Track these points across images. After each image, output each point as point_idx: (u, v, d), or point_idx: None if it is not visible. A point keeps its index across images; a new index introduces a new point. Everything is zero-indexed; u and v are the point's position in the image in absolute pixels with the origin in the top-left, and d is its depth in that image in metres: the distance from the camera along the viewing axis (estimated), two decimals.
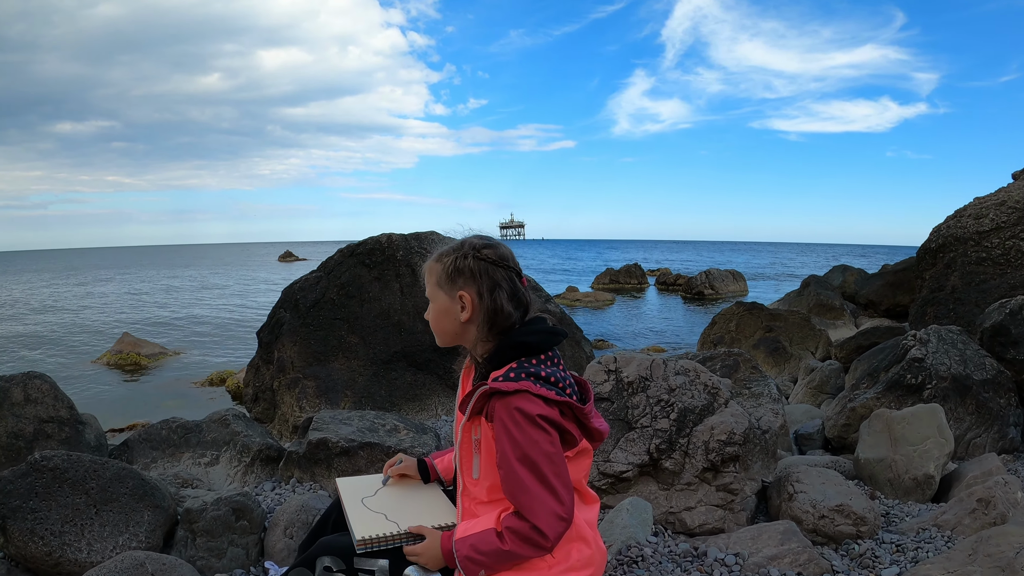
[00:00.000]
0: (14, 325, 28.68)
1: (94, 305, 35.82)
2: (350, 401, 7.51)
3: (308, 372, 7.61)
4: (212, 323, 25.75)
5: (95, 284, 55.09)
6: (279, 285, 41.44)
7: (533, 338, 2.06)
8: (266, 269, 68.49)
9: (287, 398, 7.68)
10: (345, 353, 7.77)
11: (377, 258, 8.28)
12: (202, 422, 5.33)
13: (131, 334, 19.50)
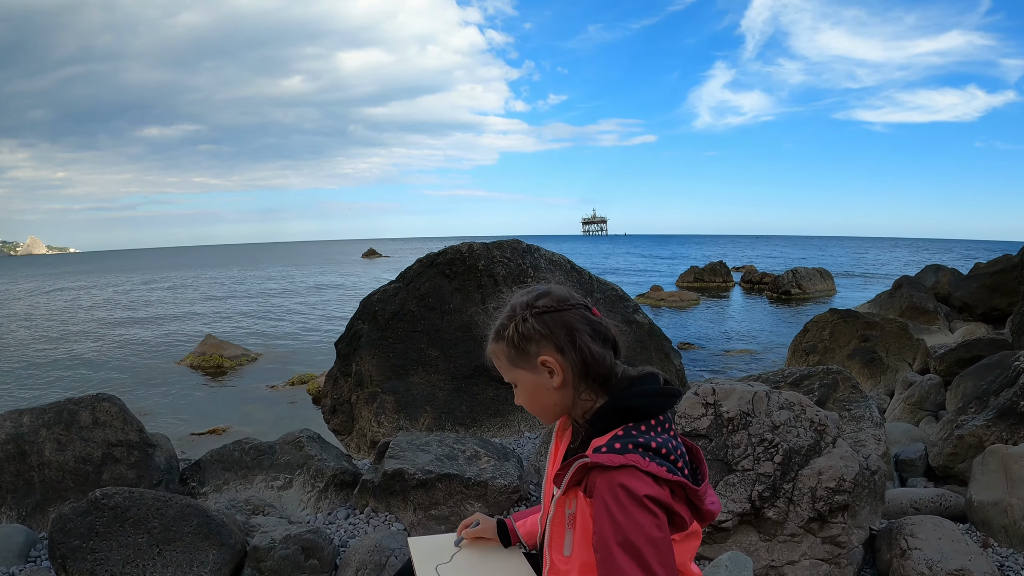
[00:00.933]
0: (103, 325, 29.57)
1: (179, 305, 36.76)
2: (430, 417, 7.39)
3: (387, 386, 7.52)
4: (295, 324, 26.14)
5: (181, 284, 56.50)
6: (362, 283, 41.85)
7: (642, 401, 1.79)
8: (350, 267, 69.36)
9: (365, 412, 7.60)
10: (425, 367, 7.66)
11: (458, 268, 8.15)
12: (275, 443, 5.26)
13: (214, 336, 19.88)
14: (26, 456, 4.55)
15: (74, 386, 16.91)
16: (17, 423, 4.65)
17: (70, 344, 24.39)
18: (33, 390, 16.86)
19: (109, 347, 23.38)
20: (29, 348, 24.09)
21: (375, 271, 57.11)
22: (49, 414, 4.75)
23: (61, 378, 18.29)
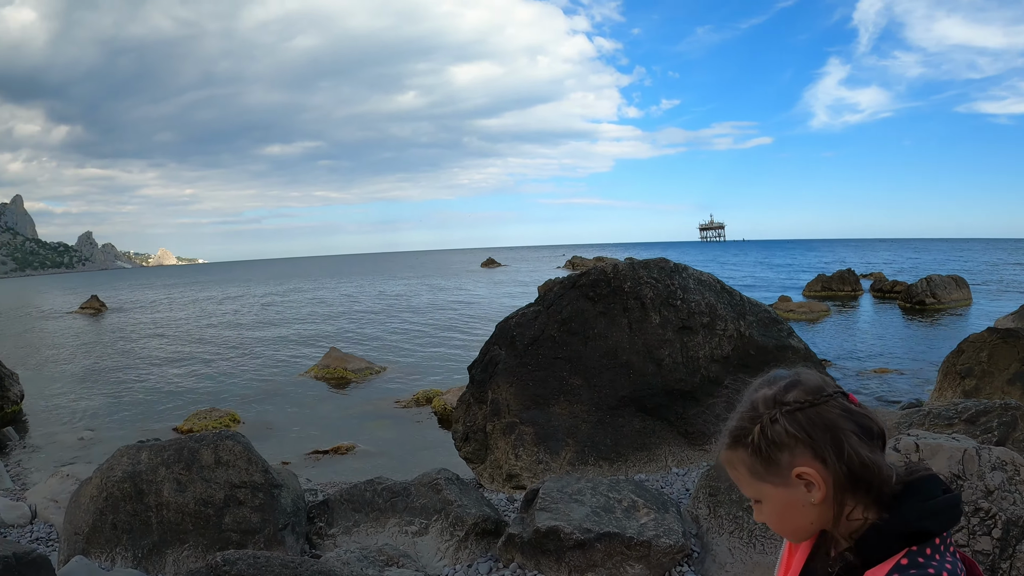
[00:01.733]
0: (228, 336, 30.35)
1: (302, 316, 37.45)
2: (571, 451, 6.95)
3: (525, 417, 7.12)
4: (418, 336, 26.14)
5: (303, 294, 57.66)
6: (483, 293, 41.81)
7: (935, 523, 1.33)
8: (470, 277, 69.58)
9: (501, 444, 7.22)
10: (567, 396, 7.23)
11: (602, 290, 7.69)
12: (410, 484, 4.90)
13: (338, 349, 19.93)
14: (144, 495, 4.33)
15: (202, 399, 17.23)
16: (135, 460, 4.44)
17: (196, 355, 25.07)
18: (163, 403, 17.22)
19: (234, 358, 23.86)
20: (159, 358, 24.85)
21: (495, 280, 57.05)
22: (169, 451, 4.53)
23: (189, 390, 18.68)
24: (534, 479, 6.98)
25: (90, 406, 17.55)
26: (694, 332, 7.66)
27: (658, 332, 7.53)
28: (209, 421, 14.13)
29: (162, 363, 23.75)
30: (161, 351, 26.77)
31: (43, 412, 16.96)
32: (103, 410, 17.00)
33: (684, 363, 7.47)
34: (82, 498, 4.58)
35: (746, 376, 7.80)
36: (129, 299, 67.76)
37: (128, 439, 13.94)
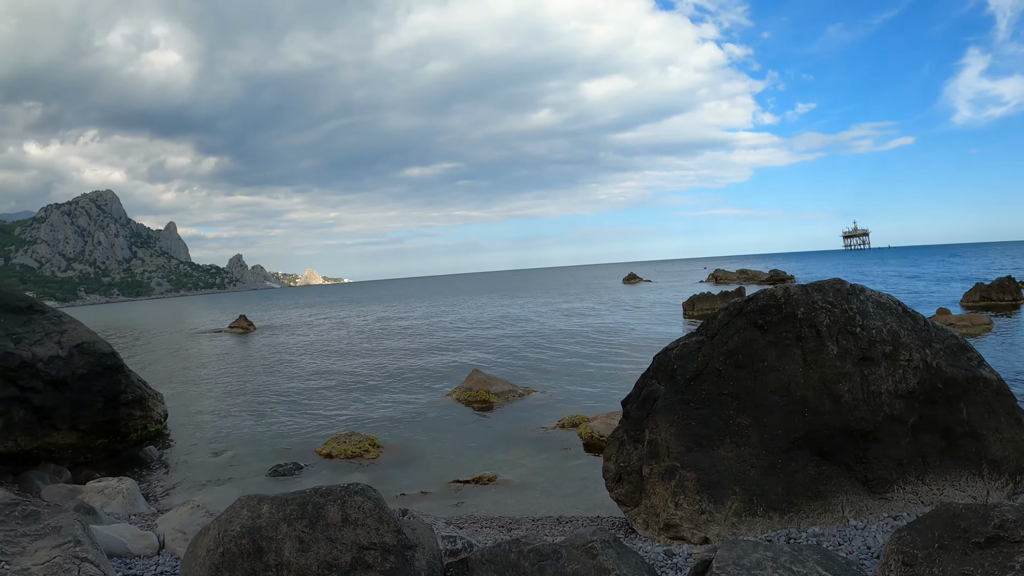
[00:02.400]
0: (371, 356, 30.58)
1: (445, 336, 37.51)
2: (738, 500, 6.22)
3: (687, 460, 6.43)
4: (561, 357, 25.59)
5: (446, 313, 57.99)
6: (628, 312, 40.74)
7: None
8: (613, 293, 68.52)
9: (660, 490, 6.55)
10: (733, 438, 6.49)
11: (772, 317, 6.93)
12: (561, 547, 4.29)
13: (480, 371, 19.58)
14: (263, 554, 3.89)
15: (342, 421, 17.27)
16: (255, 513, 4.02)
17: (338, 375, 25.34)
18: (305, 424, 17.24)
19: (376, 378, 23.93)
20: (302, 378, 25.18)
21: (639, 298, 55.75)
22: (292, 506, 4.09)
23: (331, 411, 18.75)
24: (696, 531, 6.27)
25: (232, 425, 17.78)
26: (875, 363, 6.79)
27: (835, 364, 6.69)
28: (349, 445, 13.96)
29: (305, 383, 24.04)
30: (304, 371, 27.19)
31: (186, 431, 17.26)
32: (244, 430, 17.17)
33: (865, 399, 6.63)
34: (199, 550, 4.18)
35: (934, 413, 6.92)
36: (276, 319, 69.96)
37: (268, 461, 13.99)
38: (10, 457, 12.80)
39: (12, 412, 12.68)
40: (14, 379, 12.73)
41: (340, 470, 13.08)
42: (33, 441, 13.05)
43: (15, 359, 12.77)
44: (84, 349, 14.01)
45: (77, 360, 13.76)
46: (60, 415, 13.37)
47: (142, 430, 15.33)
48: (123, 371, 14.79)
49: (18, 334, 13.36)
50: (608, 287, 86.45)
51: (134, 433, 15.08)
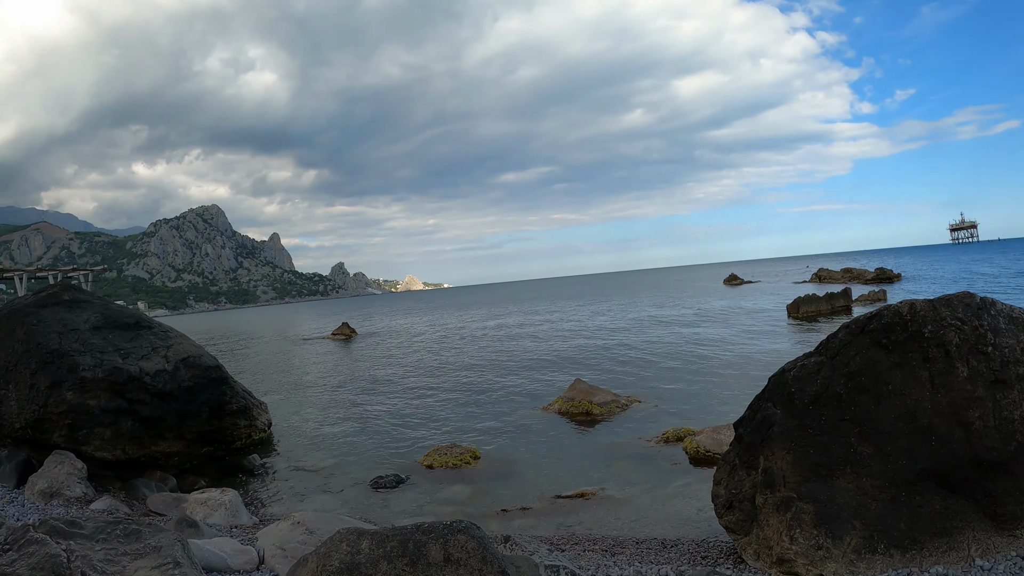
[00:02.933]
0: (472, 363, 30.59)
1: (545, 342, 37.26)
2: (858, 536, 5.82)
3: (804, 491, 6.05)
4: (664, 364, 25.05)
5: (545, 318, 57.59)
6: (732, 317, 39.73)
7: None
8: (715, 296, 66.92)
9: (774, 521, 6.19)
10: (854, 467, 6.07)
11: (897, 336, 6.45)
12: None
13: (583, 380, 19.24)
14: None
15: (443, 431, 17.24)
16: (355, 548, 3.89)
17: (439, 383, 25.39)
18: (406, 434, 17.25)
19: (477, 386, 23.89)
20: (403, 386, 25.31)
21: (742, 301, 54.08)
22: (393, 543, 3.94)
23: (432, 420, 18.75)
24: (811, 567, 5.91)
25: (334, 434, 17.91)
26: (1009, 387, 6.29)
27: (966, 388, 6.21)
28: (450, 458, 13.88)
29: (405, 391, 24.16)
30: (405, 379, 27.35)
31: (289, 439, 17.45)
32: (347, 439, 17.27)
33: (996, 426, 6.14)
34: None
35: None
36: (377, 325, 71.03)
37: (369, 471, 14.01)
38: (118, 464, 13.21)
39: (121, 423, 13.04)
40: (122, 392, 13.11)
41: (441, 483, 12.98)
42: (140, 450, 13.38)
43: (123, 373, 13.15)
44: (189, 363, 14.32)
45: (183, 373, 14.07)
46: (167, 425, 13.68)
47: (246, 438, 15.59)
48: (228, 383, 15.07)
49: (126, 349, 13.74)
50: (709, 289, 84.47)
51: (239, 441, 15.35)
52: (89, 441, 12.89)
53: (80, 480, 11.82)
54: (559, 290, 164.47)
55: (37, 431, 12.74)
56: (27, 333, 13.36)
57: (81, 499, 11.36)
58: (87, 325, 14.00)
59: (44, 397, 12.61)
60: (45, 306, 14.30)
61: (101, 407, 12.90)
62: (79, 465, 12.10)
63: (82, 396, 12.78)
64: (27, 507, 10.84)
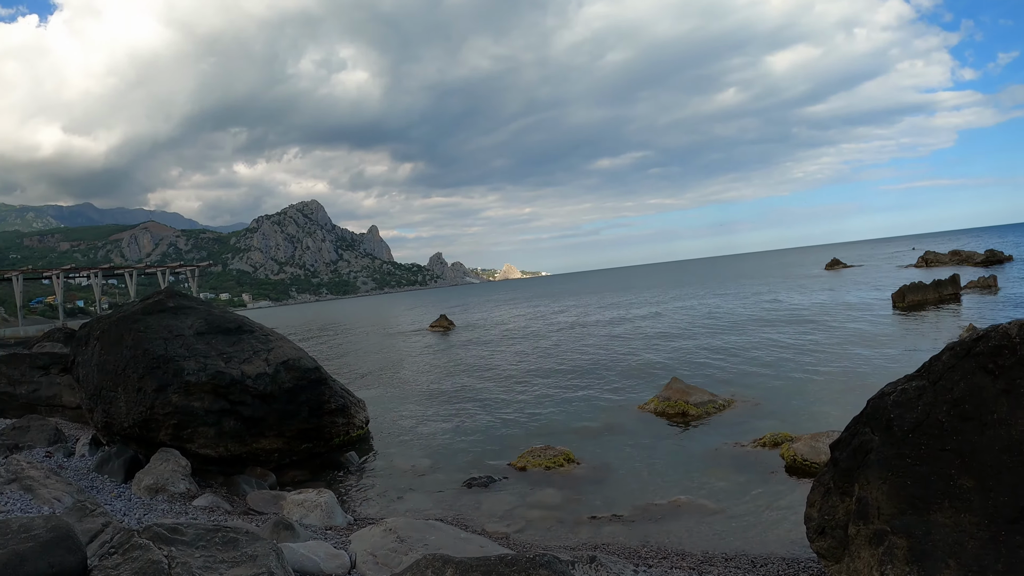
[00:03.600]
0: (569, 357, 30.55)
1: (642, 334, 36.80)
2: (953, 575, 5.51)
3: (899, 524, 5.82)
4: (766, 360, 24.43)
5: (642, 308, 56.97)
6: (834, 306, 38.67)
7: None
8: (815, 284, 64.58)
9: (865, 554, 6.00)
10: (953, 502, 5.76)
11: (1005, 360, 6.03)
12: None
13: (680, 379, 18.93)
14: None
15: (538, 430, 17.29)
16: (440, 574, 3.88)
17: (535, 378, 25.41)
18: (500, 433, 17.37)
19: (572, 381, 23.87)
20: (499, 381, 25.42)
21: (844, 290, 52.09)
22: (476, 574, 3.93)
23: (527, 418, 18.78)
24: None
25: (430, 431, 18.14)
26: None
27: None
28: (544, 460, 13.93)
29: (501, 387, 24.29)
30: (501, 374, 27.49)
31: (386, 436, 17.78)
32: (442, 437, 17.48)
33: None
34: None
35: None
36: (475, 316, 71.49)
37: (463, 471, 14.18)
38: (221, 460, 13.71)
39: (223, 423, 13.51)
40: (225, 394, 13.61)
41: (534, 484, 13.02)
42: (242, 447, 13.84)
43: (226, 377, 13.64)
44: (289, 365, 14.75)
45: (283, 375, 14.49)
46: (267, 424, 14.10)
47: (345, 435, 15.96)
48: (327, 383, 15.45)
49: (228, 353, 14.23)
50: (809, 276, 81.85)
51: (337, 438, 15.72)
52: (193, 439, 13.39)
53: (184, 477, 12.26)
54: (656, 278, 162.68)
55: (144, 430, 13.29)
56: (135, 339, 13.96)
57: (184, 495, 11.78)
58: (191, 331, 14.57)
59: (151, 400, 13.17)
60: (151, 313, 14.91)
61: (205, 408, 13.41)
62: (183, 463, 12.56)
63: (187, 399, 13.31)
64: (133, 502, 11.30)
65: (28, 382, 19.77)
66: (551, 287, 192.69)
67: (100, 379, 14.06)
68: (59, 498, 11.02)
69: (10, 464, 11.74)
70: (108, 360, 14.08)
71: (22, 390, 19.68)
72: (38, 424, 15.20)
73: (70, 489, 11.36)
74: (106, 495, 11.60)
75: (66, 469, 12.94)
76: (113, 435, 13.82)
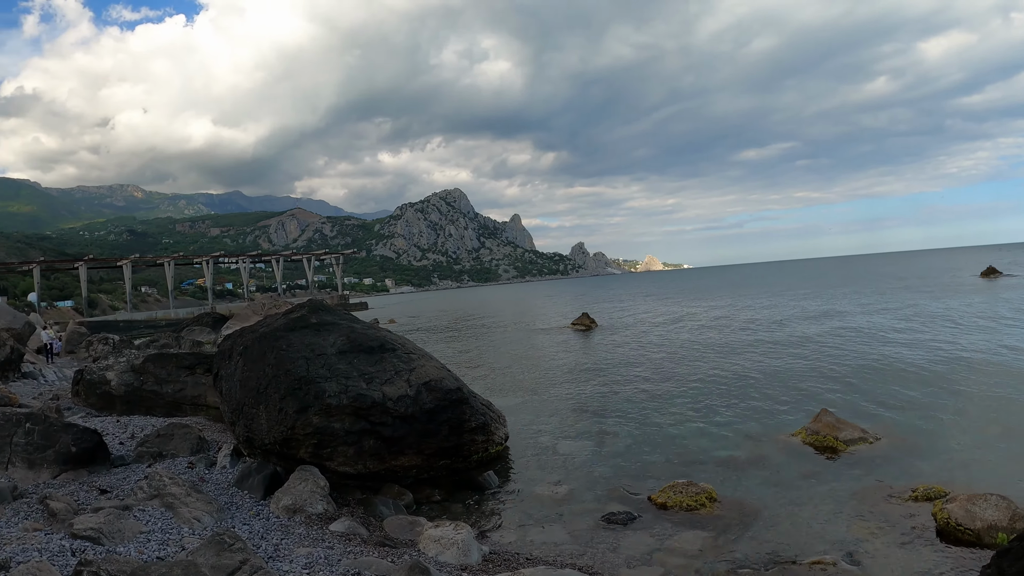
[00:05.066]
0: (713, 369, 29.70)
1: (790, 347, 35.22)
2: None
3: None
4: (921, 390, 22.69)
5: (790, 313, 54.94)
6: (990, 328, 35.45)
7: None
8: (972, 293, 59.86)
9: None
10: None
11: None
12: None
13: (829, 411, 18.04)
14: None
15: (680, 459, 16.78)
16: None
17: (679, 393, 24.89)
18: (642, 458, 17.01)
19: (715, 399, 23.23)
20: (642, 394, 24.91)
21: (1004, 307, 46.87)
22: None
23: (670, 441, 18.40)
24: None
25: (568, 451, 17.98)
26: None
27: None
28: (685, 497, 13.54)
29: (643, 401, 23.84)
30: (643, 385, 27.00)
31: (525, 454, 17.73)
32: (582, 457, 17.34)
33: None
34: None
35: None
36: (617, 314, 70.82)
37: (602, 502, 14.02)
38: (359, 476, 13.94)
39: (363, 442, 13.72)
40: (366, 416, 13.82)
41: (674, 526, 12.69)
42: (380, 465, 14.01)
43: (367, 399, 13.83)
44: (431, 386, 14.81)
45: (424, 396, 14.56)
46: (406, 443, 14.23)
47: (483, 452, 15.93)
48: (468, 402, 15.47)
49: (370, 374, 14.37)
50: (963, 284, 75.88)
51: (475, 455, 15.69)
52: (333, 458, 13.64)
53: (322, 497, 12.45)
54: (801, 275, 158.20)
55: (284, 447, 13.63)
56: (277, 358, 14.29)
57: (322, 516, 11.97)
58: (333, 349, 14.81)
59: (292, 420, 13.47)
60: (294, 329, 15.23)
61: (345, 429, 13.64)
62: (322, 483, 12.75)
63: (327, 420, 13.56)
64: (271, 522, 11.57)
65: (174, 381, 20.62)
66: (694, 281, 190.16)
67: (242, 395, 14.47)
68: (199, 518, 11.32)
69: (152, 479, 12.14)
70: (250, 377, 14.48)
71: (168, 389, 20.54)
72: (181, 432, 15.74)
73: (210, 508, 11.68)
74: (244, 513, 11.90)
75: (207, 482, 13.38)
76: (254, 449, 14.18)
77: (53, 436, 13.61)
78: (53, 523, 10.47)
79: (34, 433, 13.55)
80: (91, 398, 21.67)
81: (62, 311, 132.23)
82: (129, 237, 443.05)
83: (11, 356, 32.16)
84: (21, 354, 33.86)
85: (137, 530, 10.33)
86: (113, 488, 12.72)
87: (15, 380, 31.56)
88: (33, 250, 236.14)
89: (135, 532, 10.24)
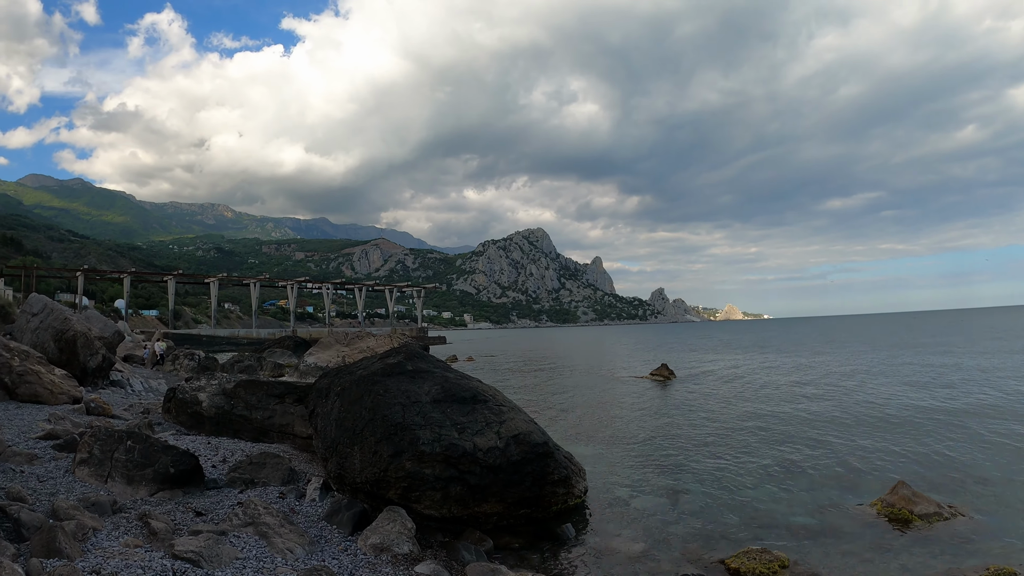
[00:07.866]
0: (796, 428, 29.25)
1: (874, 409, 34.71)
2: None
3: None
4: (999, 463, 22.30)
5: (872, 372, 53.95)
6: None
7: None
8: None
9: None
10: None
11: None
12: None
13: (907, 484, 17.87)
14: None
15: (755, 525, 16.76)
16: None
17: (761, 452, 24.71)
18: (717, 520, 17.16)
19: (796, 463, 23.01)
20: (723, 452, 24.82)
21: None
22: None
23: (745, 504, 18.40)
24: None
25: (645, 507, 18.22)
26: None
27: None
28: (758, 564, 13.73)
29: (721, 458, 23.83)
30: (721, 441, 26.95)
31: (601, 507, 18.01)
32: (659, 515, 17.56)
33: None
34: None
35: None
36: (697, 366, 70.26)
37: (677, 564, 14.39)
38: (442, 520, 14.56)
39: (450, 488, 14.34)
40: (455, 464, 14.48)
41: None
42: (464, 510, 14.56)
43: (458, 449, 14.51)
44: (519, 439, 15.39)
45: (512, 449, 15.15)
46: (490, 491, 14.78)
47: (563, 504, 16.33)
48: (552, 456, 15.98)
49: (462, 424, 15.03)
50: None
51: (555, 506, 16.10)
52: (420, 501, 14.27)
53: (408, 539, 13.03)
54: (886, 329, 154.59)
55: (375, 487, 14.36)
56: (374, 402, 15.07)
57: (407, 557, 12.52)
58: (428, 397, 15.53)
59: (385, 463, 14.19)
60: (391, 375, 16.01)
61: (435, 475, 14.29)
62: (409, 525, 13.36)
63: (419, 465, 14.23)
64: (359, 559, 12.20)
65: (264, 408, 21.52)
66: (774, 332, 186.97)
67: (337, 434, 15.25)
68: (291, 549, 12.06)
69: (247, 507, 12.94)
70: (346, 418, 15.28)
71: (257, 415, 21.45)
72: (273, 461, 16.52)
73: (302, 540, 12.41)
74: (334, 547, 12.56)
75: (298, 514, 14.10)
76: (344, 486, 14.91)
77: (153, 456, 14.56)
78: (153, 541, 11.19)
79: (135, 451, 14.52)
80: (181, 416, 22.74)
81: (147, 319, 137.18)
82: (216, 254, 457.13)
83: (102, 364, 33.84)
84: (112, 362, 35.49)
85: (233, 556, 11.03)
86: (207, 511, 13.50)
87: (104, 387, 33.19)
88: (123, 259, 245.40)
89: (231, 558, 10.92)
